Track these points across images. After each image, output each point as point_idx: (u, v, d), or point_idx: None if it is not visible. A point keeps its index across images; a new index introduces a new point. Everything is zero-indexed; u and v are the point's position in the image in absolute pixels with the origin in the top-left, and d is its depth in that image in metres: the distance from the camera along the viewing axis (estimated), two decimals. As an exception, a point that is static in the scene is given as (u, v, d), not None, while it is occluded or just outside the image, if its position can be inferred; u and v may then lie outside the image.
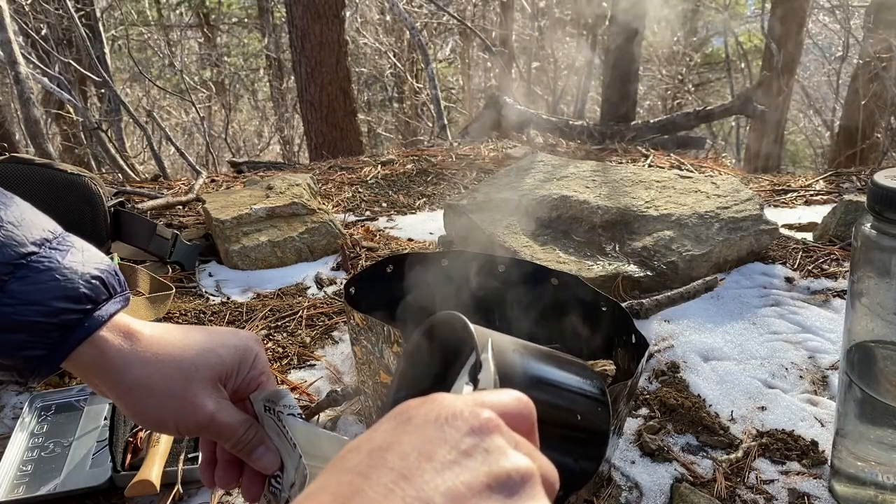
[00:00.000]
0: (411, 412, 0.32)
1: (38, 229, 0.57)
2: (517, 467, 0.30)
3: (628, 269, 1.47)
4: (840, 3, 6.49)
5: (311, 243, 1.81)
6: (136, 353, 0.57)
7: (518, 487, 0.29)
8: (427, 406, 0.32)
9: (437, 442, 0.30)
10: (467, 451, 0.30)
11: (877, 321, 0.79)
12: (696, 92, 10.24)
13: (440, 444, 0.30)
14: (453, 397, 0.33)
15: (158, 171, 3.90)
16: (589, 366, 0.55)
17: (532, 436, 0.35)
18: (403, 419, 0.32)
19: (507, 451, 0.30)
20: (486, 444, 0.30)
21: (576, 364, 0.53)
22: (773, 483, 0.95)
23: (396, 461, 0.29)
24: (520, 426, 0.34)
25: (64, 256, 0.56)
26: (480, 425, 0.31)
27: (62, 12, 4.30)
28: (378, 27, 9.16)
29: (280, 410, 0.60)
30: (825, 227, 1.74)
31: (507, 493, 0.29)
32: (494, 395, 0.34)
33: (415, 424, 0.31)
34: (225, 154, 7.61)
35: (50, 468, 0.99)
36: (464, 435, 0.30)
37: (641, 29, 4.54)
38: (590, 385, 0.52)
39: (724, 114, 4.07)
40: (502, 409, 0.34)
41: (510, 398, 0.35)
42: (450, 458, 0.29)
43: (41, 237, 0.56)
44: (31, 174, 1.55)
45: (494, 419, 0.31)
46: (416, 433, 0.30)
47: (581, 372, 0.52)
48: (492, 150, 2.97)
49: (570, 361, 0.53)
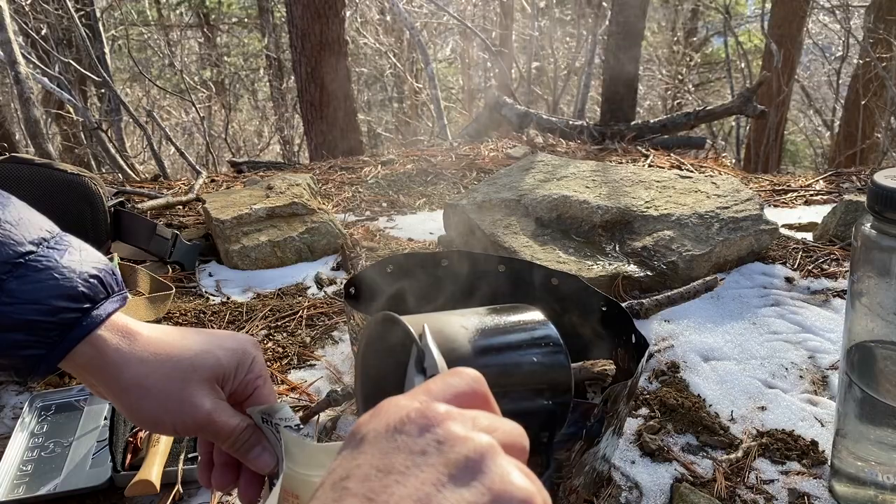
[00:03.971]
0: (363, 431, 0.32)
1: (36, 229, 0.57)
2: (472, 448, 0.30)
3: (628, 269, 1.47)
4: (840, 3, 6.49)
5: (311, 243, 1.80)
6: (133, 353, 0.57)
7: (479, 465, 0.30)
8: (376, 420, 0.32)
9: (393, 453, 0.30)
10: (422, 450, 0.30)
11: (877, 321, 0.79)
12: (696, 92, 10.24)
13: (396, 454, 0.30)
14: (399, 400, 0.33)
15: (158, 171, 3.90)
16: (529, 308, 0.56)
17: (488, 405, 0.36)
18: (357, 441, 0.32)
19: (459, 436, 0.31)
20: (438, 437, 0.31)
21: (516, 313, 0.54)
22: (773, 483, 0.95)
23: (358, 486, 0.29)
24: (473, 402, 0.35)
25: (62, 256, 0.56)
26: (429, 421, 0.31)
27: (62, 12, 4.30)
28: (378, 27, 9.16)
29: (276, 423, 0.60)
30: (825, 227, 1.74)
31: (469, 475, 0.29)
32: (440, 382, 0.35)
33: (368, 442, 0.31)
34: (225, 154, 7.61)
35: (50, 468, 0.99)
36: (416, 437, 0.31)
37: (641, 29, 4.54)
38: (535, 330, 0.53)
39: (724, 114, 4.07)
40: (451, 392, 0.34)
41: (456, 379, 0.35)
42: (408, 463, 0.30)
43: (39, 236, 0.56)
44: (31, 174, 1.55)
45: (441, 411, 0.32)
46: (371, 451, 0.31)
47: (524, 321, 0.53)
48: (492, 150, 2.97)
49: (511, 311, 0.54)
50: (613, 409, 0.79)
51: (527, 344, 0.52)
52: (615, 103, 4.37)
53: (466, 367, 0.36)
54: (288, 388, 1.20)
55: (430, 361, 0.42)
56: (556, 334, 0.54)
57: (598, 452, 0.83)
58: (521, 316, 0.54)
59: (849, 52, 6.56)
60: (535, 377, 0.51)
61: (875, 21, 5.44)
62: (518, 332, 0.52)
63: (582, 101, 5.64)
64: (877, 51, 5.26)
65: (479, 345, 0.48)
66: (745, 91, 3.86)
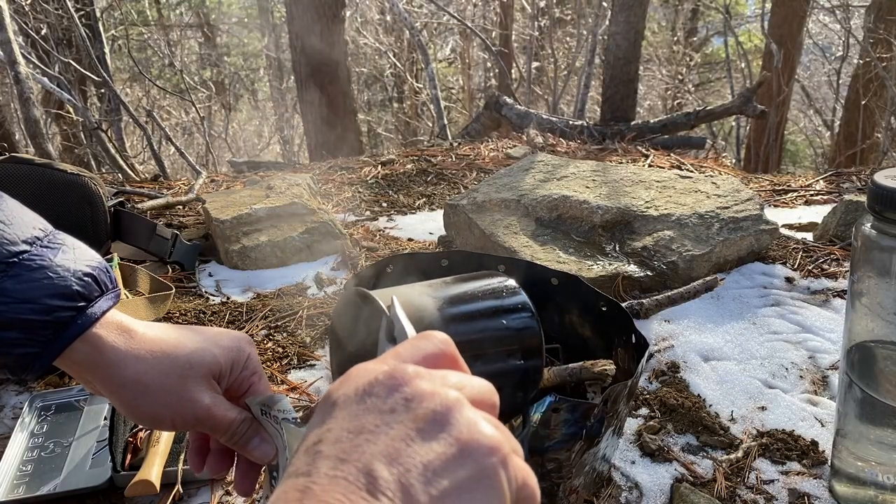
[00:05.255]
0: (333, 396, 0.33)
1: (29, 227, 0.57)
2: (439, 402, 0.31)
3: (628, 269, 1.47)
4: (840, 3, 6.49)
5: (311, 243, 1.80)
6: (130, 350, 0.57)
7: (446, 418, 0.30)
8: (346, 385, 0.33)
9: (363, 414, 0.31)
10: (391, 409, 0.31)
11: (877, 321, 0.79)
12: (696, 92, 10.24)
13: (366, 415, 0.31)
14: (367, 365, 0.34)
15: (158, 171, 3.89)
16: (498, 275, 0.56)
17: (457, 365, 0.36)
18: (328, 406, 0.33)
19: (426, 392, 0.31)
20: (406, 395, 0.31)
21: (485, 280, 0.54)
22: (773, 483, 0.95)
23: (331, 449, 0.30)
24: (442, 362, 0.35)
25: (55, 254, 0.57)
26: (397, 381, 0.32)
27: (62, 12, 4.30)
28: (378, 27, 9.16)
29: (275, 415, 0.60)
30: (825, 227, 1.74)
31: (437, 428, 0.30)
32: (408, 346, 0.36)
33: (339, 407, 0.32)
34: (225, 154, 7.61)
35: (50, 468, 0.99)
36: (385, 398, 0.31)
37: (642, 29, 4.54)
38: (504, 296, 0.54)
39: (724, 114, 4.07)
40: (420, 354, 0.35)
41: (424, 342, 0.36)
42: (377, 422, 0.30)
43: (32, 235, 0.57)
44: (31, 174, 1.55)
45: (409, 371, 0.33)
46: (342, 415, 0.31)
47: (494, 288, 0.54)
48: (492, 150, 2.97)
49: (480, 279, 0.55)
50: (613, 409, 0.79)
51: (496, 309, 0.52)
52: (615, 103, 4.36)
53: (434, 331, 0.37)
54: (288, 388, 1.20)
55: (400, 329, 0.42)
56: (524, 299, 0.54)
57: (598, 452, 0.83)
58: (490, 283, 0.55)
59: (849, 52, 6.56)
60: (506, 341, 0.51)
61: (875, 21, 5.44)
62: (487, 298, 0.53)
63: (582, 101, 5.63)
64: (877, 51, 5.26)
65: (449, 313, 0.49)
66: (745, 91, 3.87)
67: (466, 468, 0.29)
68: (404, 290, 0.49)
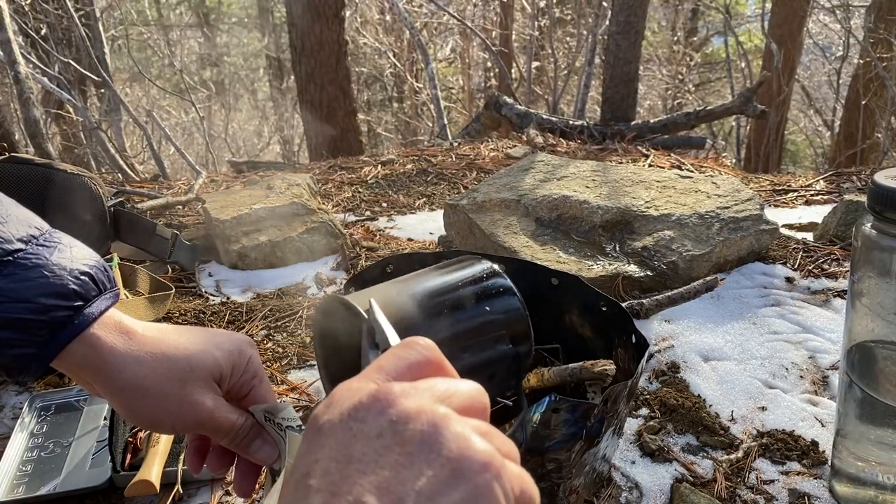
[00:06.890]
0: (319, 422, 0.32)
1: (25, 226, 0.56)
2: (425, 421, 0.30)
3: (628, 269, 1.47)
4: (840, 3, 6.49)
5: (311, 243, 1.80)
6: (130, 352, 0.56)
7: (434, 437, 0.30)
8: (331, 410, 0.32)
9: (350, 442, 0.30)
10: (378, 433, 0.30)
11: (877, 321, 0.79)
12: (696, 92, 10.24)
13: (353, 443, 0.30)
14: (352, 384, 0.33)
15: (158, 171, 3.89)
16: (477, 260, 0.55)
17: (443, 370, 0.35)
18: (314, 432, 0.32)
19: (411, 413, 0.31)
20: (391, 417, 0.31)
21: (464, 268, 0.54)
22: (773, 483, 0.95)
23: (321, 481, 0.29)
24: (427, 370, 0.35)
25: (52, 253, 0.55)
26: (381, 404, 0.31)
27: (62, 12, 4.30)
28: (378, 27, 9.16)
29: (279, 423, 0.60)
30: (825, 227, 1.74)
31: (426, 450, 0.29)
32: (391, 357, 0.35)
33: (325, 433, 0.31)
34: (225, 154, 7.62)
35: (50, 468, 0.99)
36: (370, 422, 0.31)
37: (642, 29, 4.54)
38: (484, 282, 0.53)
39: (724, 114, 4.07)
40: (404, 365, 0.34)
41: (407, 351, 0.35)
42: (366, 450, 0.30)
43: (28, 234, 0.55)
44: (31, 174, 1.55)
45: (394, 390, 0.32)
46: (329, 442, 0.31)
47: (473, 275, 0.53)
48: (492, 150, 2.97)
49: (458, 267, 0.54)
50: (613, 409, 0.79)
51: (477, 296, 0.51)
52: (615, 103, 4.36)
53: (417, 337, 0.36)
54: (288, 388, 1.20)
55: (381, 335, 0.42)
56: (505, 282, 0.53)
57: (598, 453, 0.82)
58: (469, 270, 0.54)
59: (849, 52, 6.56)
60: (492, 326, 0.50)
61: (875, 21, 5.44)
62: (467, 286, 0.52)
63: (582, 101, 5.63)
64: (877, 51, 5.26)
65: (429, 308, 0.48)
66: (745, 91, 3.87)
67: (460, 489, 0.29)
68: (381, 289, 0.48)
